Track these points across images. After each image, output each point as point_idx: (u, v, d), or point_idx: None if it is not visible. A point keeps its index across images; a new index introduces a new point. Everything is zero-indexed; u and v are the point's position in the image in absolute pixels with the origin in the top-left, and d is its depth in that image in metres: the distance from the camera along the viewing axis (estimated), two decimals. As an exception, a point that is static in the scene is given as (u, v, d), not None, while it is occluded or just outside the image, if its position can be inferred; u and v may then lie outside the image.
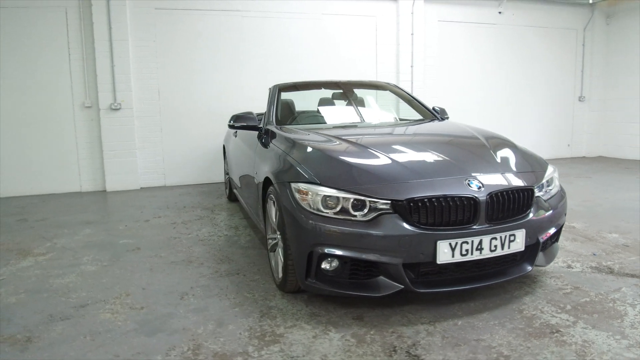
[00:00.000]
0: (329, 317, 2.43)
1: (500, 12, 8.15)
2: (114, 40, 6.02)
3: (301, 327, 2.32)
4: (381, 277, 2.29)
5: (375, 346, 2.13)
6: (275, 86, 3.97)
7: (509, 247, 2.34)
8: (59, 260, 3.44)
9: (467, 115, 7.55)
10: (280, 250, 2.70)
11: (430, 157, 2.57)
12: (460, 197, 2.26)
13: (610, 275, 2.91)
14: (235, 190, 4.93)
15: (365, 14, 7.45)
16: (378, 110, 4.01)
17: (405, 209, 2.21)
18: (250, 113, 3.61)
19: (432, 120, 3.83)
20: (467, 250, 2.24)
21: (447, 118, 4.00)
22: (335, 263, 2.32)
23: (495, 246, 2.30)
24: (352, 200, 2.25)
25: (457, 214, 2.25)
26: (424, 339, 2.18)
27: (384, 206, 2.24)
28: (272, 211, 2.82)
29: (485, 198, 2.28)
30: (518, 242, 2.36)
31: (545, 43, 8.54)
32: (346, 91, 4.12)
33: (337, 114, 3.88)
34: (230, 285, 2.89)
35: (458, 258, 2.24)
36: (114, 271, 3.19)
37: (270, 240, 2.98)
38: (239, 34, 6.74)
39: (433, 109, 4.03)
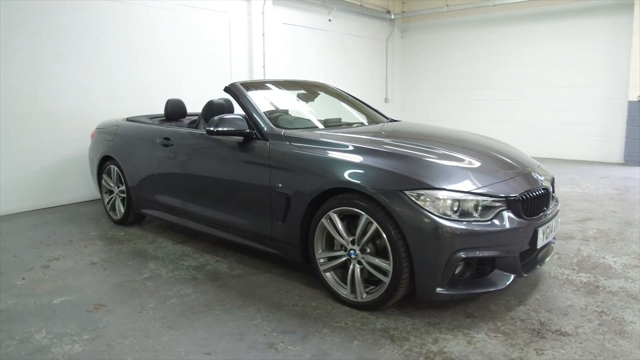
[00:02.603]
0: (448, 321, 2.43)
1: (330, 20, 8.90)
2: None
3: (444, 339, 2.26)
4: (496, 271, 2.43)
5: (522, 334, 2.29)
6: (234, 85, 3.43)
7: (556, 228, 2.81)
8: (3, 350, 2.21)
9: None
10: (364, 266, 2.49)
11: (492, 156, 2.81)
12: (542, 189, 2.59)
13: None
14: (152, 211, 4.01)
15: (219, 9, 7.00)
16: (353, 111, 3.95)
17: (516, 204, 2.41)
18: (238, 115, 3.08)
19: (395, 121, 4.03)
20: (547, 234, 2.61)
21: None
22: (461, 266, 2.34)
23: (554, 228, 2.74)
24: (474, 201, 2.31)
25: (539, 204, 2.58)
26: (541, 317, 2.46)
27: (498, 204, 2.37)
28: (339, 224, 2.56)
29: (551, 188, 2.68)
30: (559, 222, 2.87)
31: (362, 50, 9.78)
32: (310, 92, 3.92)
33: (319, 115, 3.67)
34: (301, 321, 2.49)
35: (545, 241, 2.59)
36: (119, 343, 2.28)
37: (323, 260, 2.69)
38: (95, 23, 5.36)
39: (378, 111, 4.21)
